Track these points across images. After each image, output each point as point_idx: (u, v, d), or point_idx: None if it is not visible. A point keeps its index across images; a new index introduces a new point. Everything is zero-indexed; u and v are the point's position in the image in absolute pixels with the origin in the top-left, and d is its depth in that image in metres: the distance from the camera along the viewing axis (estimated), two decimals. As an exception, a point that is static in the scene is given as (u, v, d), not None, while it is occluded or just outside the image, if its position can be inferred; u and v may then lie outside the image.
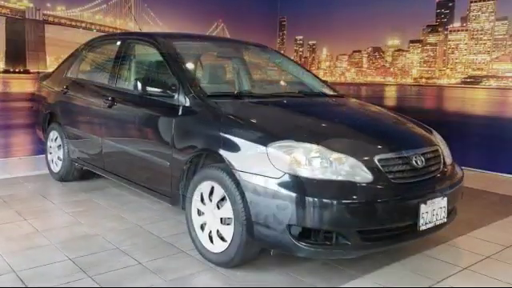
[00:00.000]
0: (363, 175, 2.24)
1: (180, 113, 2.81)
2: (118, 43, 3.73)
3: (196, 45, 3.80)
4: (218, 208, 2.51)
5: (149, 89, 2.88)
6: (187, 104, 2.81)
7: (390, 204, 2.25)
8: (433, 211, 2.42)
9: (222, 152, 2.45)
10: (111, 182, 4.29)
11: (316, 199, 2.12)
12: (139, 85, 2.87)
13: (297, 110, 2.91)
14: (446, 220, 2.55)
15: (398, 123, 3.00)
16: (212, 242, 2.56)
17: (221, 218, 2.50)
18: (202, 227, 2.64)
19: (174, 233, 3.12)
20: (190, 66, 3.14)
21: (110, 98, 3.47)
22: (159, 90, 2.87)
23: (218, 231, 2.53)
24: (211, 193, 2.56)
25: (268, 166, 2.24)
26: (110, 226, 3.21)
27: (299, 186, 2.17)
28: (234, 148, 2.39)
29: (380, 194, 2.24)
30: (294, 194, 2.15)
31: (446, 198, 2.51)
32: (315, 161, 2.21)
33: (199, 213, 2.67)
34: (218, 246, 2.51)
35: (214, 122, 2.60)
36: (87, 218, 3.36)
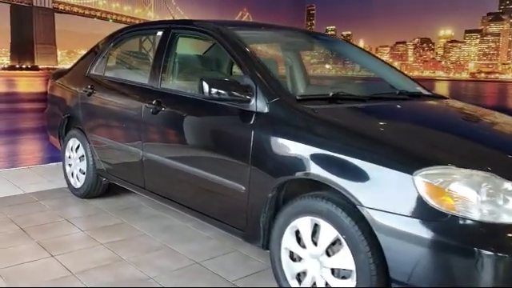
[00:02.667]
0: None
1: (259, 122, 2.34)
2: (159, 34, 3.25)
3: (262, 35, 3.30)
4: (328, 255, 2.03)
5: (216, 91, 2.40)
6: (267, 110, 2.34)
7: None
8: None
9: (335, 179, 1.97)
10: (143, 198, 3.86)
11: (494, 253, 1.63)
12: (206, 86, 2.39)
13: (422, 119, 2.45)
14: None
15: None
16: (317, 298, 2.09)
17: (332, 269, 2.02)
18: (300, 277, 2.18)
19: (245, 274, 2.68)
20: (267, 62, 2.66)
21: (154, 102, 2.99)
22: (232, 93, 2.40)
23: (326, 284, 2.05)
24: (315, 232, 2.09)
25: (416, 203, 1.76)
26: (160, 265, 2.76)
27: (467, 232, 1.70)
28: (357, 175, 1.92)
29: None
30: (459, 245, 1.68)
31: None
32: (486, 195, 1.72)
33: (293, 257, 2.21)
34: (328, 306, 2.03)
35: (317, 136, 2.12)
36: (129, 252, 2.93)
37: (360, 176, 1.91)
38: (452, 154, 1.94)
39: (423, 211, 1.75)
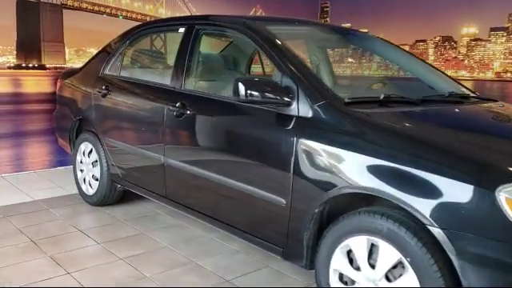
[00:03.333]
0: None
1: (302, 128, 2.13)
2: (182, 30, 3.03)
3: (296, 32, 3.06)
4: (388, 279, 1.82)
5: (253, 94, 2.18)
6: (311, 115, 2.12)
7: None
8: None
9: (398, 195, 1.76)
10: (159, 205, 3.68)
11: None
12: (242, 88, 2.18)
13: (489, 126, 2.24)
14: None
15: None
16: (374, 328, 1.87)
17: (394, 296, 1.81)
18: (352, 302, 1.95)
19: (281, 294, 2.46)
20: (308, 61, 2.44)
21: (178, 105, 2.78)
22: (270, 95, 2.18)
23: (385, 312, 1.84)
24: (371, 253, 1.87)
25: (501, 224, 1.56)
26: (188, 283, 2.56)
27: None
28: (427, 190, 1.71)
29: None
30: None
31: None
32: None
33: (343, 280, 1.99)
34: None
35: (375, 145, 1.91)
36: (152, 268, 2.72)
37: (430, 191, 1.69)
38: None
39: (509, 234, 1.54)
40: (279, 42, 2.46)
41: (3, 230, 3.23)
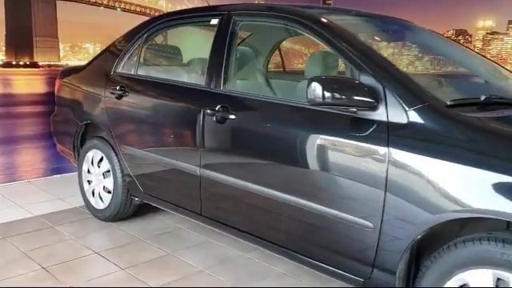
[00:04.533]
0: None
1: (396, 136, 1.81)
2: (215, 22, 2.66)
3: (356, 23, 2.71)
4: (527, 324, 1.52)
5: (332, 95, 1.85)
6: (406, 121, 1.81)
7: None
8: None
9: None
10: (178, 218, 3.35)
11: None
12: (318, 89, 1.84)
13: None
14: None
15: None
16: None
17: None
18: None
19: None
20: (391, 57, 2.13)
21: (218, 108, 2.42)
22: (353, 97, 1.86)
23: None
24: (497, 289, 1.58)
25: None
26: (243, 319, 2.21)
27: None
28: None
29: None
30: None
31: None
32: None
33: (455, 320, 1.68)
34: None
35: (503, 160, 1.59)
36: (194, 301, 2.36)
37: None
38: None
39: None
40: (354, 36, 2.12)
41: (6, 255, 2.82)
